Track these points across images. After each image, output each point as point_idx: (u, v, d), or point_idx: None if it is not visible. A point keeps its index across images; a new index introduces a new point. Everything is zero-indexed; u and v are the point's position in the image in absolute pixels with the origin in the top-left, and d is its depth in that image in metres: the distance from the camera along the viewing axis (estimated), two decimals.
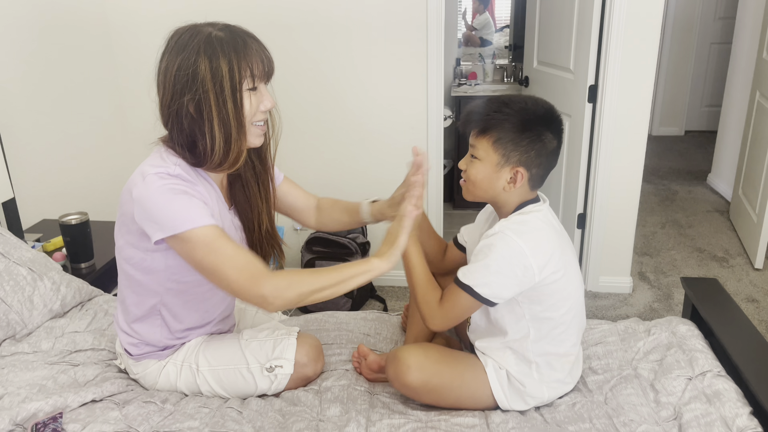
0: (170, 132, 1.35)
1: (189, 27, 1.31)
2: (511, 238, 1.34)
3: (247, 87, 1.31)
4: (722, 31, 5.73)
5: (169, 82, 1.29)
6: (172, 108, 1.31)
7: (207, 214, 1.29)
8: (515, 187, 1.39)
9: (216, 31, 1.29)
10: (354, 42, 2.79)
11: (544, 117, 1.38)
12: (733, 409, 1.34)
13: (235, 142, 1.33)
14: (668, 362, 1.54)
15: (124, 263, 1.42)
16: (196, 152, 1.34)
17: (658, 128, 6.14)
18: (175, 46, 1.29)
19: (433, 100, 2.85)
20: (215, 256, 1.26)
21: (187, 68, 1.26)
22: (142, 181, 1.28)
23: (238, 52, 1.28)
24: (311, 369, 1.53)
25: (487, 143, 1.37)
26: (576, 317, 1.47)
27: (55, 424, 1.31)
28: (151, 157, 1.36)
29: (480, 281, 1.35)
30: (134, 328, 1.49)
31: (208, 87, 1.27)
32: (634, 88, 2.70)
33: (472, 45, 4.66)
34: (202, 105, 1.28)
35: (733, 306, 1.67)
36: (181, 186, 1.30)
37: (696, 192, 4.52)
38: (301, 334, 1.56)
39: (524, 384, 1.44)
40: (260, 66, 1.32)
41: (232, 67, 1.27)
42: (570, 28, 2.87)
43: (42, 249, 2.14)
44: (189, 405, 1.46)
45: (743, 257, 3.42)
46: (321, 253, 2.83)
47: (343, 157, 2.98)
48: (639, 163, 2.82)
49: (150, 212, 1.27)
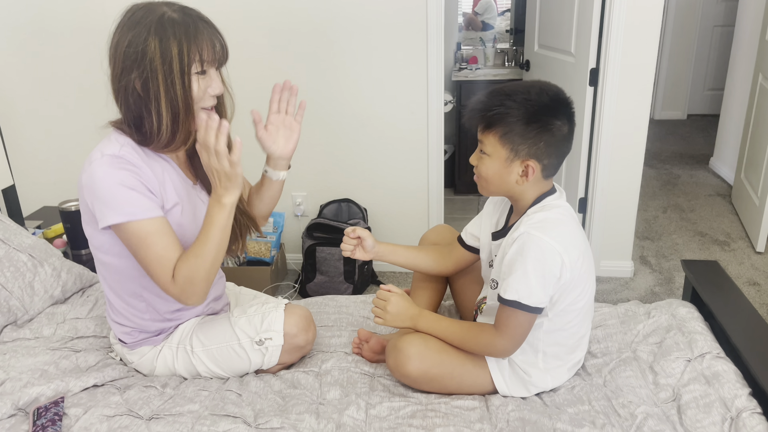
0: (119, 108, 1.36)
1: (145, 4, 1.31)
2: (540, 237, 1.30)
3: (196, 71, 1.31)
4: (725, 13, 5.68)
5: (119, 57, 1.30)
6: (120, 83, 1.32)
7: (145, 208, 1.30)
8: (528, 181, 1.35)
9: (170, 12, 1.29)
10: (353, 27, 2.77)
11: (550, 105, 1.32)
12: (732, 390, 1.34)
13: (183, 124, 1.34)
14: (667, 344, 1.54)
15: (97, 252, 1.43)
16: (142, 130, 1.35)
17: (660, 112, 6.11)
18: (128, 22, 1.30)
19: (433, 84, 2.83)
20: (144, 251, 1.31)
21: (137, 45, 1.27)
22: (89, 166, 1.31)
23: (188, 35, 1.28)
24: (302, 338, 1.53)
25: (494, 138, 1.33)
26: (590, 310, 1.47)
27: (57, 408, 1.32)
28: (101, 141, 1.37)
29: (524, 293, 1.31)
30: (124, 316, 1.49)
31: (156, 67, 1.27)
32: (635, 71, 2.68)
33: (473, 29, 4.63)
34: (149, 84, 1.29)
35: (732, 288, 1.67)
36: (125, 171, 1.30)
37: (698, 176, 4.50)
38: (290, 305, 1.56)
39: (529, 373, 1.43)
40: (211, 51, 1.32)
41: (182, 50, 1.28)
42: (571, 10, 2.85)
43: (42, 236, 2.14)
44: (189, 388, 1.47)
45: (745, 241, 3.41)
46: (322, 239, 2.83)
47: (343, 142, 2.97)
48: (640, 147, 2.81)
49: (96, 198, 1.30)
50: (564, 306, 1.38)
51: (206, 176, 1.50)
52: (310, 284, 2.87)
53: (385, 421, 1.35)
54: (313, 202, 3.10)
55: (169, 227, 1.34)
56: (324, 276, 2.84)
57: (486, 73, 4.19)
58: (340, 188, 3.04)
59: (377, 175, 3.02)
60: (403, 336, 1.47)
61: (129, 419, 1.33)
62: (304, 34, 2.80)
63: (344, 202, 3.02)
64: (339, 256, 2.80)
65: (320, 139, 2.98)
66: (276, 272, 2.90)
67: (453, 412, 1.37)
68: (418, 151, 2.95)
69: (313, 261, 2.84)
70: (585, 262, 1.37)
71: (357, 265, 2.81)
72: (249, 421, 1.34)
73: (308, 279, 2.87)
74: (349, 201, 3.02)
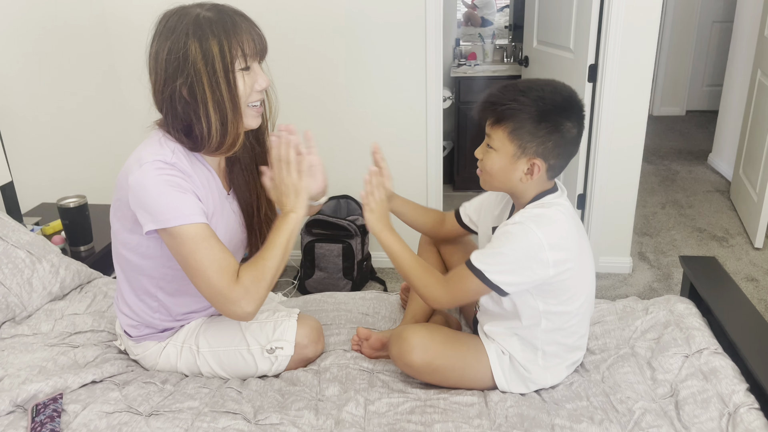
0: (165, 117, 1.34)
1: (177, 9, 1.30)
2: (532, 229, 1.30)
3: (240, 67, 1.30)
4: (724, 9, 5.68)
5: (160, 67, 1.28)
6: (165, 93, 1.29)
7: (199, 211, 1.29)
8: (532, 179, 1.35)
9: (204, 12, 1.27)
10: (352, 23, 2.76)
11: (562, 105, 1.31)
12: (729, 385, 1.34)
13: (232, 125, 1.32)
14: (665, 340, 1.54)
15: (121, 247, 1.42)
16: (192, 136, 1.34)
17: (659, 108, 6.11)
18: (164, 30, 1.28)
19: (432, 81, 2.83)
20: (201, 254, 1.27)
21: (177, 51, 1.25)
22: (139, 168, 1.28)
23: (227, 31, 1.26)
24: (312, 350, 1.54)
25: (503, 133, 1.32)
26: (589, 310, 1.47)
27: (56, 405, 1.32)
28: (149, 142, 1.35)
29: (493, 267, 1.32)
30: (133, 310, 1.49)
31: (200, 69, 1.25)
32: (634, 67, 2.68)
33: (472, 24, 4.62)
34: (195, 88, 1.27)
35: (730, 283, 1.67)
36: (177, 178, 1.29)
37: (696, 172, 4.51)
38: (302, 316, 1.56)
39: (529, 370, 1.44)
40: (251, 44, 1.30)
41: (223, 48, 1.26)
42: (570, 6, 2.85)
43: (41, 232, 2.14)
44: (189, 385, 1.47)
45: (743, 237, 3.42)
46: (321, 235, 2.83)
47: (341, 138, 2.97)
48: (639, 143, 2.81)
49: (144, 202, 1.27)
50: (558, 305, 1.39)
51: (241, 185, 1.51)
52: (309, 280, 2.87)
53: (383, 417, 1.35)
54: None
55: (215, 234, 1.33)
56: (323, 272, 2.84)
57: (485, 69, 4.19)
58: (338, 184, 3.04)
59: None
60: (408, 326, 1.48)
61: (128, 415, 1.33)
62: (302, 31, 2.79)
63: (343, 198, 3.02)
64: (338, 252, 2.80)
65: (318, 134, 2.97)
66: None
67: (452, 408, 1.37)
68: (416, 147, 2.95)
69: (311, 257, 2.84)
70: (581, 262, 1.37)
71: (356, 261, 2.82)
72: (249, 417, 1.34)
73: (307, 275, 2.87)
74: (347, 197, 3.02)
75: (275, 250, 1.33)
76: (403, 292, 1.84)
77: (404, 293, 1.84)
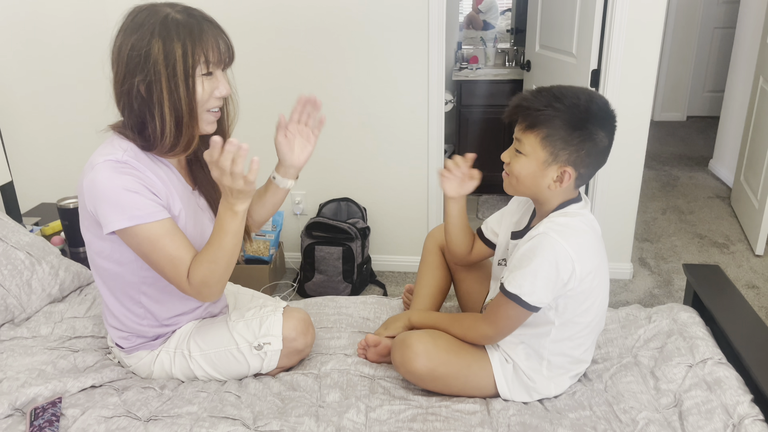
0: (122, 112, 1.34)
1: (148, 6, 1.29)
2: (557, 240, 1.28)
3: (201, 72, 1.29)
4: (726, 15, 5.68)
5: (122, 60, 1.28)
6: (123, 87, 1.29)
7: (154, 209, 1.29)
8: (561, 187, 1.33)
9: (174, 13, 1.27)
10: (354, 26, 2.76)
11: (597, 114, 1.29)
12: (734, 396, 1.34)
13: (187, 127, 1.32)
14: (669, 349, 1.53)
15: (96, 257, 1.41)
16: (145, 135, 1.33)
17: (660, 113, 6.10)
18: (131, 24, 1.27)
19: (434, 84, 2.82)
20: (157, 254, 1.30)
21: (140, 48, 1.25)
22: (91, 171, 1.28)
23: (193, 36, 1.26)
24: (301, 342, 1.51)
25: (535, 139, 1.30)
26: (599, 324, 1.45)
27: (54, 408, 1.31)
28: (102, 145, 1.35)
29: (527, 289, 1.29)
30: (121, 321, 1.48)
31: (160, 69, 1.25)
32: (636, 72, 2.67)
33: (474, 28, 4.61)
34: (153, 87, 1.27)
35: (734, 293, 1.67)
36: (128, 176, 1.28)
37: (697, 178, 4.50)
38: (288, 309, 1.55)
39: (533, 380, 1.43)
40: (216, 52, 1.30)
41: (186, 51, 1.25)
42: (573, 11, 2.84)
43: (41, 233, 2.13)
44: (187, 390, 1.45)
45: (744, 243, 3.41)
46: (321, 238, 2.82)
47: (343, 141, 2.96)
48: (641, 149, 2.80)
49: (100, 203, 1.27)
50: (572, 317, 1.37)
51: (205, 183, 1.49)
52: (309, 283, 2.86)
53: (385, 424, 1.34)
54: (312, 200, 3.09)
55: (177, 228, 1.33)
56: (323, 275, 2.83)
57: (486, 72, 4.18)
58: (339, 187, 3.03)
59: (377, 174, 3.01)
60: (412, 332, 1.46)
61: (127, 420, 1.32)
62: (304, 33, 2.79)
63: (343, 201, 3.01)
64: (338, 255, 2.79)
65: (320, 137, 2.96)
66: (274, 271, 2.89)
67: (454, 416, 1.36)
68: (418, 150, 2.94)
69: (311, 260, 2.83)
70: (599, 276, 1.36)
71: (356, 264, 2.81)
72: (248, 423, 1.33)
73: (307, 278, 2.86)
74: (348, 200, 3.01)
75: (222, 251, 1.30)
76: (406, 295, 1.83)
77: (407, 296, 1.83)
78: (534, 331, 1.40)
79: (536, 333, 1.40)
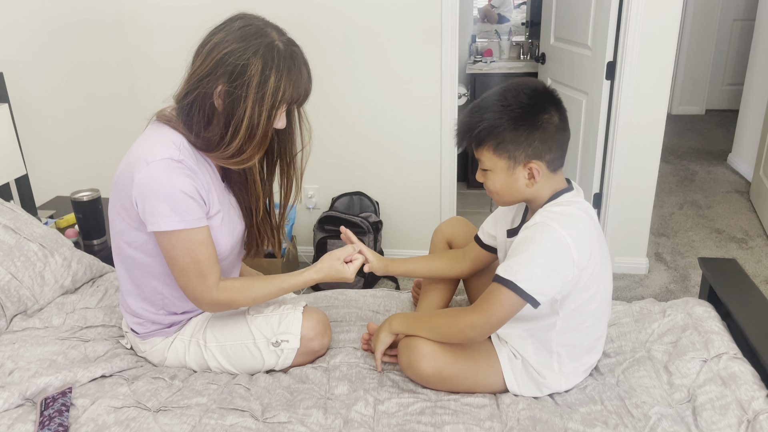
0: (186, 105, 1.33)
1: (259, 21, 1.32)
2: (554, 228, 1.27)
3: (283, 109, 1.33)
4: (745, 7, 5.58)
5: (212, 58, 1.27)
6: (201, 84, 1.29)
7: (200, 215, 1.32)
8: (536, 182, 1.33)
9: (280, 43, 1.30)
10: (367, 19, 2.74)
11: (529, 103, 1.29)
12: (749, 391, 1.31)
13: (253, 149, 1.34)
14: (683, 344, 1.51)
15: (126, 246, 1.41)
16: (202, 136, 1.33)
17: (678, 107, 6.02)
18: (237, 31, 1.28)
19: (447, 77, 2.80)
20: (189, 259, 1.33)
21: (239, 59, 1.26)
22: (146, 166, 1.27)
23: (291, 75, 1.30)
24: (318, 343, 1.52)
25: (489, 153, 1.32)
26: (605, 311, 1.43)
27: (65, 398, 1.32)
28: (153, 136, 1.33)
29: (523, 275, 1.27)
30: (139, 307, 1.49)
31: (251, 88, 1.26)
32: (653, 65, 2.63)
33: (489, 21, 4.58)
34: (237, 101, 1.28)
35: (751, 287, 1.63)
36: (185, 178, 1.29)
37: (716, 172, 4.44)
38: (308, 308, 1.55)
39: (544, 375, 1.41)
40: (302, 97, 1.35)
41: (279, 86, 1.28)
42: (588, 3, 2.80)
43: (55, 225, 2.15)
44: (197, 381, 1.46)
45: (763, 238, 3.36)
46: (333, 232, 2.82)
47: (355, 135, 2.96)
48: (657, 143, 2.77)
49: (153, 201, 1.28)
50: (576, 306, 1.35)
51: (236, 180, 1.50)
52: None
53: (393, 417, 1.33)
54: (324, 194, 3.09)
55: (211, 237, 1.37)
56: None
57: (501, 66, 4.15)
58: (351, 181, 3.03)
59: (390, 168, 3.00)
60: None
61: (136, 411, 1.32)
62: (317, 27, 2.78)
63: (356, 195, 3.01)
64: None
65: (332, 131, 2.97)
66: (287, 264, 2.90)
67: (463, 410, 1.35)
68: (431, 144, 2.93)
69: (324, 253, 2.82)
70: (599, 262, 1.34)
71: None
72: (257, 415, 1.33)
73: None
74: (360, 194, 3.01)
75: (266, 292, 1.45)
76: (415, 290, 1.82)
77: (416, 290, 1.82)
78: (539, 324, 1.39)
79: (542, 326, 1.39)
